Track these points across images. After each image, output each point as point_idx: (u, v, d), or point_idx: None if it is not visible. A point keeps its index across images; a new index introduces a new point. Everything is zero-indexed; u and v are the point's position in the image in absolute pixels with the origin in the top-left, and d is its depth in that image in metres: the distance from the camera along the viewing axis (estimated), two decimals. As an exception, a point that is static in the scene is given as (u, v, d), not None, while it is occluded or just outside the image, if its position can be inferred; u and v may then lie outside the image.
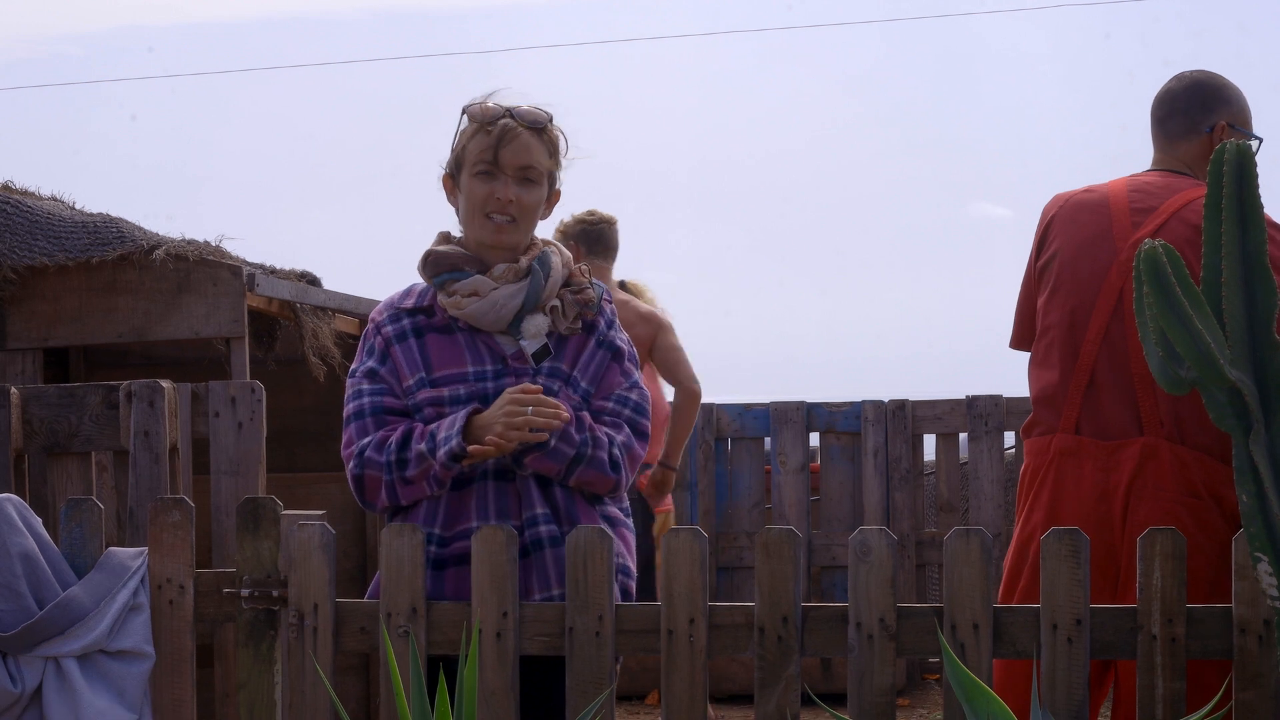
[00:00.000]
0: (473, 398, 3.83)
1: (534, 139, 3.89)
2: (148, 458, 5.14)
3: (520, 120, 3.89)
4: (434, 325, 3.91)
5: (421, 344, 3.89)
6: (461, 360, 3.87)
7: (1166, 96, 4.64)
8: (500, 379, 3.85)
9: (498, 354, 3.88)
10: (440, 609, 3.82)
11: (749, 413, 9.47)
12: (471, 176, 3.89)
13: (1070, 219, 4.58)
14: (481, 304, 3.85)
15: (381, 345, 3.91)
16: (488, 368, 3.86)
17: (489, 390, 3.84)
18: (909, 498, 9.21)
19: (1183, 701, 3.66)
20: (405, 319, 3.92)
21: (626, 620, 3.81)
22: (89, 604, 3.86)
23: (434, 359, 3.87)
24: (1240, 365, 3.46)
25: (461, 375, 3.85)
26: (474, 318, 3.86)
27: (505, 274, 3.86)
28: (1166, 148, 4.63)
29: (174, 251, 6.66)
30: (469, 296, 3.85)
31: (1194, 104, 4.58)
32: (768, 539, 3.77)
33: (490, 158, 3.87)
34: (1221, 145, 3.52)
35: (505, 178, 3.87)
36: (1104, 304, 4.46)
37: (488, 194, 3.87)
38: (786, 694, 3.75)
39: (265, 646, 3.88)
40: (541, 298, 3.87)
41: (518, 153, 3.87)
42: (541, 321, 3.87)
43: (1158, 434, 4.38)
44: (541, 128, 3.90)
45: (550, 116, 3.93)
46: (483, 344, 3.88)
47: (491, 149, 3.86)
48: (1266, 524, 3.44)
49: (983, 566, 3.71)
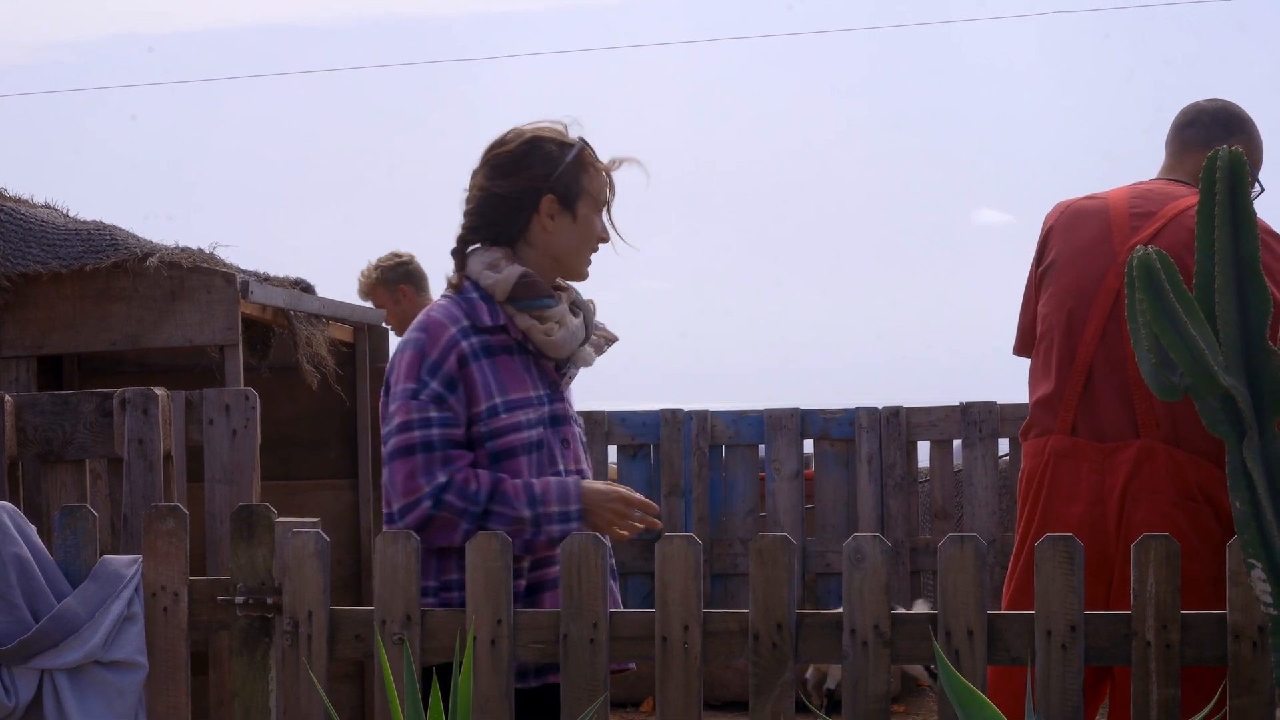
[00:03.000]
0: (539, 423, 3.92)
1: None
2: (142, 465, 5.14)
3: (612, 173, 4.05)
4: (502, 345, 3.95)
5: (494, 364, 3.91)
6: (525, 384, 3.94)
7: (1194, 108, 4.69)
8: (553, 404, 3.98)
9: (550, 379, 4.00)
10: (435, 616, 3.81)
11: (743, 419, 9.47)
12: (588, 211, 4.00)
13: (1070, 225, 4.60)
14: (564, 333, 3.96)
15: (454, 366, 3.86)
16: (544, 392, 3.97)
17: (546, 415, 3.95)
18: (903, 504, 9.21)
19: (1177, 708, 3.67)
20: (475, 336, 3.91)
21: (621, 627, 3.81)
22: (84, 615, 3.85)
23: (509, 382, 3.92)
24: (1233, 371, 3.46)
25: (527, 400, 3.92)
26: (555, 346, 3.96)
27: (570, 307, 4.02)
28: (1178, 155, 4.66)
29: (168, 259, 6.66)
30: (556, 324, 3.96)
31: (1217, 123, 4.62)
32: (762, 546, 3.77)
33: (606, 198, 4.03)
34: (1214, 151, 3.52)
35: (607, 220, 4.06)
36: (1100, 307, 4.47)
37: (602, 231, 4.03)
38: (781, 701, 3.75)
39: (260, 654, 3.88)
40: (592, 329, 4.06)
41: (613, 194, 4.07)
42: (591, 352, 4.06)
43: (1154, 436, 4.38)
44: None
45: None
46: (536, 367, 3.98)
47: (608, 190, 4.04)
48: (1260, 530, 3.44)
49: (977, 573, 3.71)
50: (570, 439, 4.00)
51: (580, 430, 4.08)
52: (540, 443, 3.91)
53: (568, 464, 3.96)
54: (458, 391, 3.85)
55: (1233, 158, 3.50)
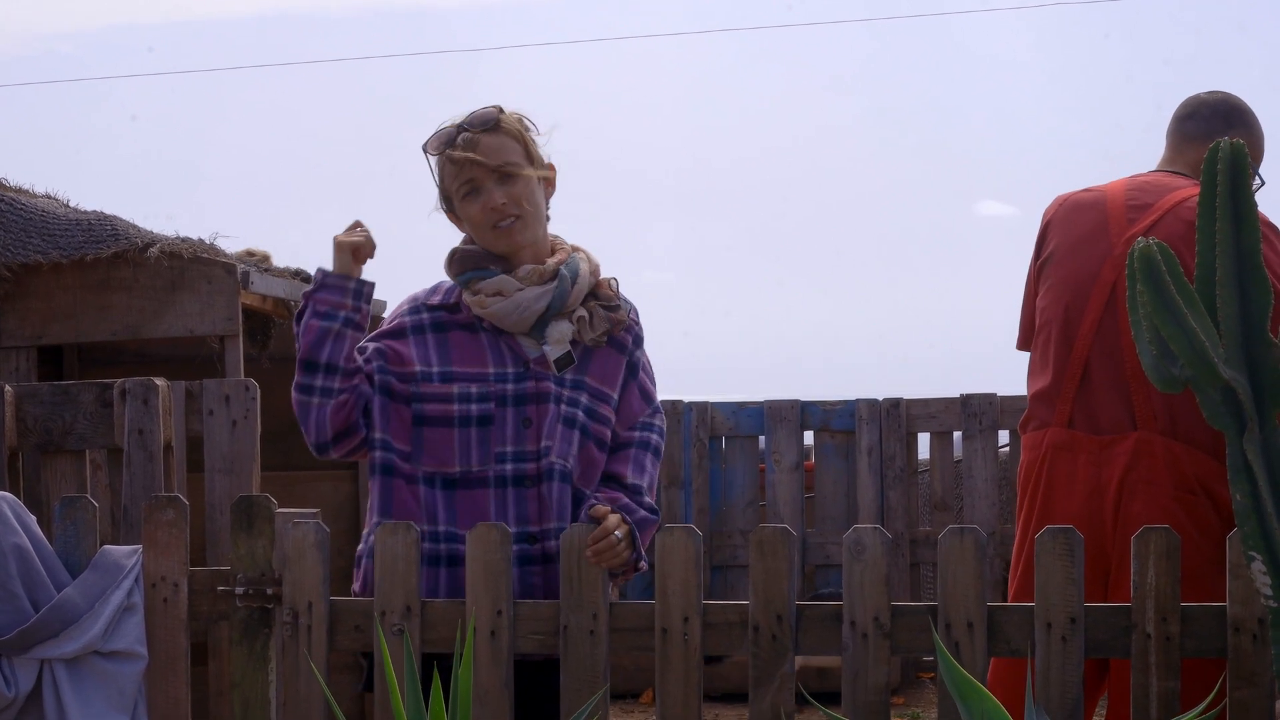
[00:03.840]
0: (489, 398, 3.82)
1: (495, 136, 3.86)
2: (142, 456, 5.14)
3: (473, 128, 3.86)
4: (458, 322, 3.89)
5: (442, 338, 3.87)
6: (483, 360, 3.85)
7: (1194, 100, 4.69)
8: (521, 382, 3.83)
9: (520, 357, 3.86)
10: (434, 607, 3.81)
11: (743, 411, 9.47)
12: (461, 201, 3.87)
13: (1067, 218, 4.61)
14: (505, 304, 3.83)
15: (393, 330, 3.89)
16: (509, 370, 3.85)
17: (508, 392, 3.83)
18: (903, 496, 9.21)
19: (1177, 700, 3.67)
20: (426, 313, 3.90)
21: (621, 619, 3.81)
22: (83, 605, 3.86)
23: (455, 355, 3.85)
24: (1234, 364, 3.46)
25: (482, 375, 3.84)
26: (497, 317, 3.84)
27: (531, 275, 3.84)
28: (1178, 147, 4.66)
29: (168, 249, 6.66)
30: (493, 296, 3.83)
31: (1218, 115, 4.62)
32: (762, 537, 3.77)
33: (467, 174, 3.85)
34: (1215, 143, 3.52)
35: (488, 186, 3.84)
36: (1097, 299, 4.48)
37: (481, 209, 3.85)
38: (781, 692, 3.75)
39: (259, 645, 3.88)
40: (567, 303, 3.86)
41: (487, 156, 3.84)
42: (566, 328, 3.86)
43: (1152, 429, 4.38)
44: (494, 123, 3.87)
45: (499, 108, 3.91)
46: (506, 346, 3.87)
47: (464, 166, 3.85)
48: (1260, 523, 3.44)
49: (977, 565, 3.71)
50: (536, 419, 3.81)
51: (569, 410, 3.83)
52: (486, 418, 3.81)
53: (524, 444, 3.80)
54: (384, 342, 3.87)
55: (1234, 149, 3.50)
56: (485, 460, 3.81)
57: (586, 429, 3.87)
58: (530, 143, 3.91)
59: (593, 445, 3.87)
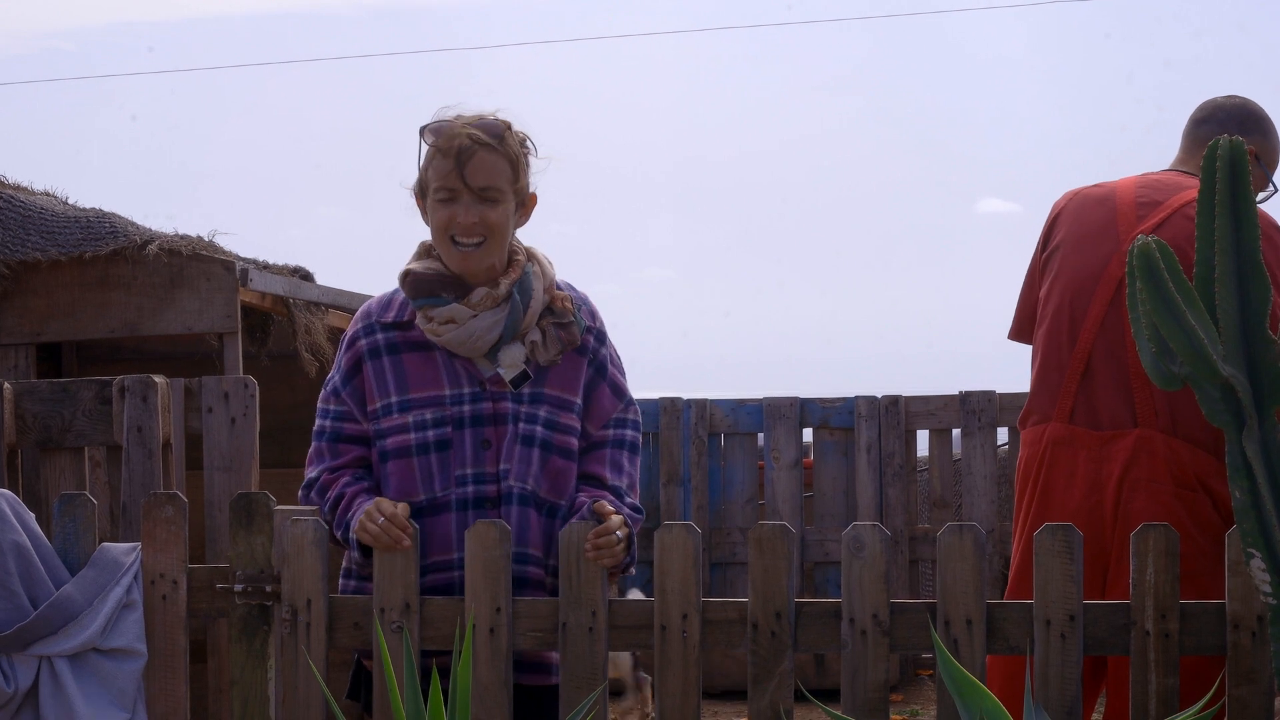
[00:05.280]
0: (445, 422, 3.79)
1: (493, 155, 3.76)
2: (141, 453, 5.14)
3: (476, 138, 3.75)
4: (412, 341, 3.84)
5: (397, 361, 3.83)
6: (438, 382, 3.81)
7: (1211, 104, 4.70)
8: (478, 402, 3.80)
9: (476, 377, 3.81)
10: (434, 604, 3.81)
11: (742, 408, 9.47)
12: (435, 202, 3.78)
13: (1076, 212, 4.62)
14: (459, 333, 3.77)
15: (351, 361, 3.87)
16: (464, 391, 3.81)
17: (464, 414, 3.79)
18: (902, 493, 9.22)
19: (1176, 697, 3.67)
20: (381, 333, 3.85)
21: (620, 616, 3.80)
22: (82, 602, 3.85)
23: (410, 378, 3.82)
24: (1233, 361, 3.46)
25: (438, 398, 3.80)
26: (451, 345, 3.78)
27: (484, 301, 3.77)
28: (1191, 149, 4.68)
29: (167, 246, 6.66)
30: (445, 324, 3.77)
31: (1232, 120, 4.62)
32: (761, 535, 3.77)
33: (451, 182, 3.75)
34: (1215, 141, 3.52)
35: (466, 200, 3.75)
36: (1102, 294, 4.48)
37: (449, 218, 3.76)
38: (780, 689, 3.76)
39: (259, 642, 3.88)
40: (520, 328, 3.80)
41: (476, 173, 3.74)
42: (518, 352, 3.79)
43: (1153, 426, 4.38)
44: (499, 140, 3.77)
45: (508, 125, 3.80)
46: (461, 366, 3.82)
47: (451, 172, 3.75)
48: (1260, 520, 3.44)
49: (976, 562, 3.71)
50: (494, 439, 3.79)
51: (526, 429, 3.80)
52: (444, 442, 3.79)
53: (484, 466, 3.79)
54: (350, 386, 3.86)
55: (1233, 147, 3.50)
56: (447, 485, 3.81)
57: (548, 443, 3.83)
58: (522, 169, 3.81)
59: (556, 457, 3.84)
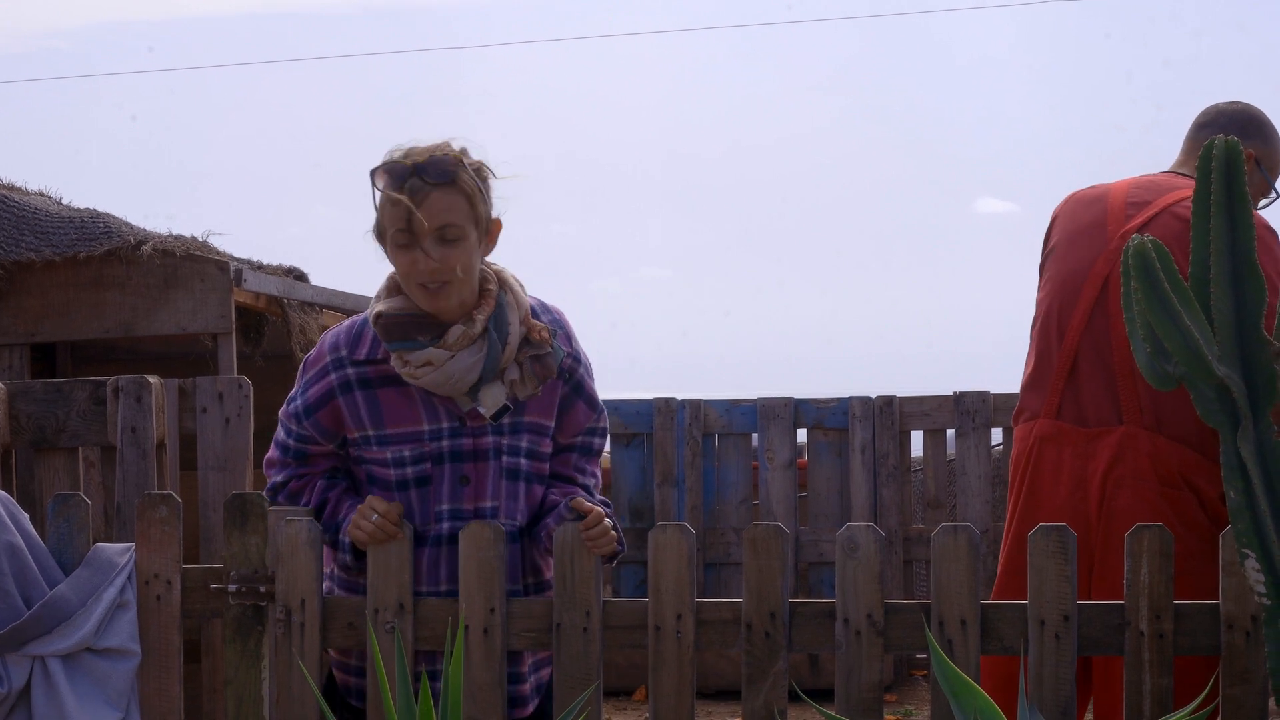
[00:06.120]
0: (425, 459, 3.75)
1: (446, 194, 3.63)
2: (135, 453, 5.13)
3: (426, 179, 3.61)
4: (386, 376, 3.74)
5: (371, 396, 3.75)
6: (416, 418, 3.74)
7: (1214, 109, 4.73)
8: (456, 438, 3.75)
9: (454, 412, 3.75)
10: (427, 605, 3.81)
11: (736, 408, 9.47)
12: (394, 248, 3.66)
13: (1071, 213, 4.68)
14: (437, 375, 3.65)
15: (321, 393, 3.78)
16: (443, 426, 3.74)
17: (444, 449, 3.74)
18: (896, 494, 9.21)
19: (1170, 698, 3.67)
20: (352, 368, 3.75)
21: (614, 616, 3.80)
22: (76, 602, 3.85)
23: (386, 415, 3.75)
24: (1228, 361, 3.46)
25: (416, 434, 3.74)
26: (430, 386, 3.69)
27: (460, 340, 3.66)
28: (1190, 152, 4.72)
29: (161, 246, 6.66)
30: (423, 367, 3.67)
31: (1234, 124, 4.64)
32: (755, 535, 3.77)
33: (404, 226, 3.61)
34: (1210, 141, 3.53)
35: (426, 243, 3.62)
36: (1089, 292, 4.52)
37: (410, 264, 3.64)
38: (774, 690, 3.76)
39: (253, 642, 3.87)
40: (499, 365, 3.70)
41: (432, 215, 3.61)
42: (499, 393, 3.69)
43: (1137, 423, 4.41)
44: (451, 178, 3.63)
45: (459, 157, 3.65)
46: (439, 401, 3.74)
47: (404, 218, 3.61)
48: (1254, 520, 3.45)
49: (970, 562, 3.72)
50: (474, 476, 3.76)
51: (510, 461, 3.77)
52: (423, 479, 3.75)
53: (461, 503, 3.76)
54: (314, 419, 3.78)
55: (1229, 147, 3.51)
56: (425, 520, 3.79)
57: (530, 475, 3.81)
58: (479, 200, 3.67)
59: (536, 486, 3.83)
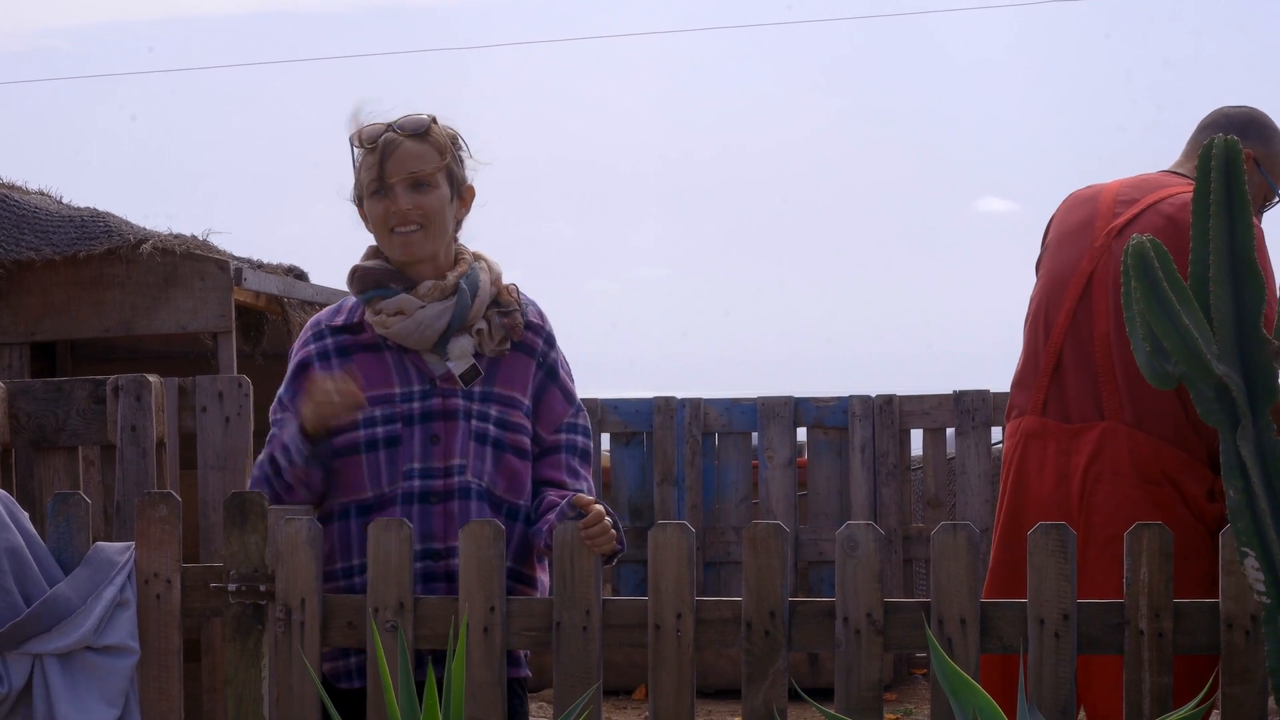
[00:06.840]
0: (395, 419, 3.82)
1: (418, 144, 3.82)
2: (135, 452, 5.13)
3: (400, 131, 3.82)
4: (362, 343, 3.88)
5: (346, 363, 3.86)
6: (389, 380, 3.85)
7: (1218, 112, 4.77)
8: (428, 399, 3.83)
9: (426, 374, 3.84)
10: (428, 604, 3.81)
11: (736, 407, 9.47)
12: (369, 198, 3.83)
13: (1065, 213, 4.73)
14: (407, 323, 3.80)
15: (297, 368, 3.91)
16: (415, 388, 3.84)
17: (414, 410, 3.82)
18: (896, 493, 9.21)
19: (1170, 696, 3.67)
20: (330, 338, 3.90)
21: (614, 615, 3.81)
22: (76, 601, 3.85)
23: (361, 380, 3.82)
24: (1227, 361, 3.46)
25: (388, 396, 3.83)
26: (400, 337, 3.82)
27: (431, 291, 3.81)
28: (1190, 153, 4.75)
29: (161, 245, 6.66)
30: (394, 315, 3.80)
31: (1235, 124, 4.65)
32: (755, 534, 3.77)
33: (378, 174, 3.81)
34: (1210, 140, 3.53)
35: (399, 190, 3.80)
36: (1073, 289, 4.56)
37: (384, 211, 3.81)
38: (774, 688, 3.76)
39: (252, 641, 3.87)
40: (468, 318, 3.82)
41: (403, 162, 3.80)
42: (466, 343, 3.82)
43: (1118, 419, 4.44)
44: (424, 132, 3.83)
45: (432, 118, 3.86)
46: (411, 364, 3.85)
47: (377, 165, 3.80)
48: (1254, 519, 3.45)
49: (970, 561, 3.72)
50: (443, 434, 3.82)
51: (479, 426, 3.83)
52: (393, 439, 3.81)
53: (431, 461, 3.82)
54: (291, 391, 3.89)
55: (1228, 146, 3.51)
56: (394, 480, 3.83)
57: (501, 441, 3.85)
58: (454, 159, 3.87)
59: (511, 456, 3.86)
